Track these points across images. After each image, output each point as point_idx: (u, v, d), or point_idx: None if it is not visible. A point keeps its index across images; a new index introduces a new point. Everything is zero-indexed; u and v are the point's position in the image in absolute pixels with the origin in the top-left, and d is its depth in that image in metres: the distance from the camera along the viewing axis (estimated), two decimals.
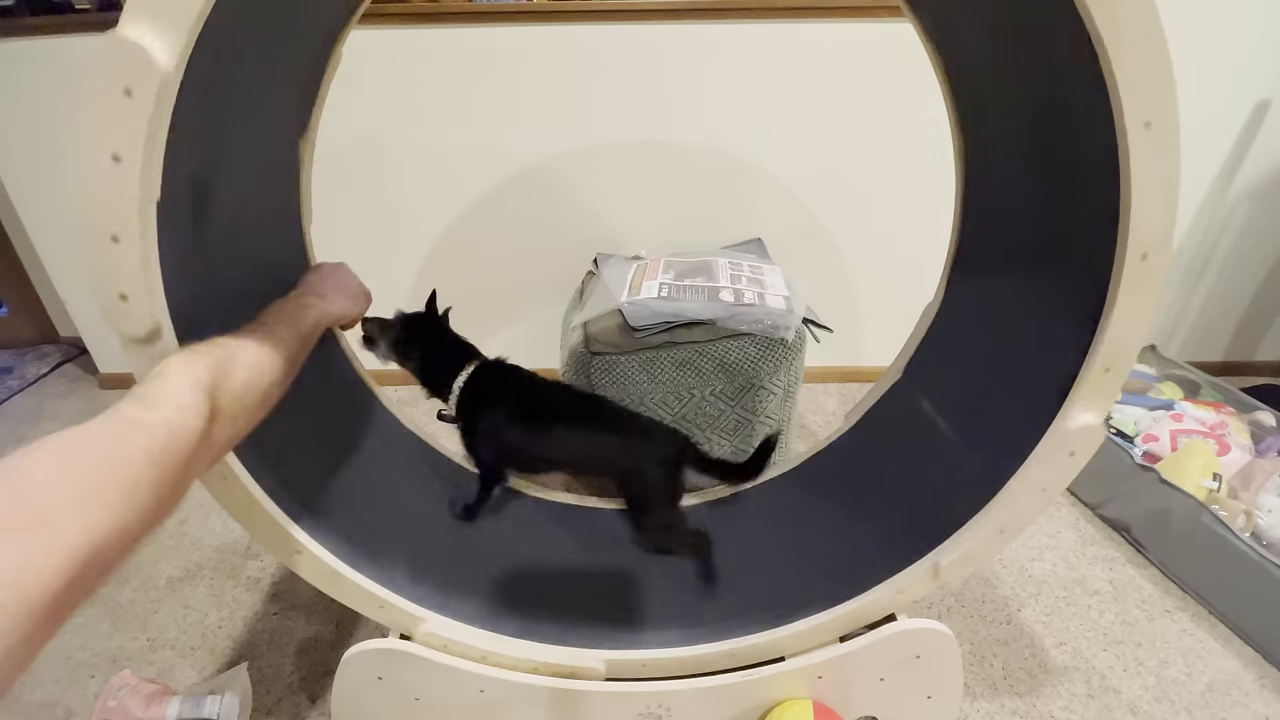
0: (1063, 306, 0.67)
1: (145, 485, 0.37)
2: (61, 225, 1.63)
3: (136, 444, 0.38)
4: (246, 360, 0.51)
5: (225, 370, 0.48)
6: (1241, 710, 0.92)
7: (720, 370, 1.14)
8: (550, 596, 0.87)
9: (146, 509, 0.36)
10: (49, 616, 0.30)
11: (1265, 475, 1.17)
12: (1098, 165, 0.56)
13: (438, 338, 0.96)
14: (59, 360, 1.97)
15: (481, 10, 1.42)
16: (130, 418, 0.39)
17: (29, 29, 1.41)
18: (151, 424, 0.39)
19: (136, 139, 0.45)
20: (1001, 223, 0.85)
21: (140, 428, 0.39)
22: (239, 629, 1.06)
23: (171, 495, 0.39)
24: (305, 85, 0.84)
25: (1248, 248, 1.69)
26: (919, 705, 0.82)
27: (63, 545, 0.31)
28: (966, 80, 0.84)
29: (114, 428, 0.38)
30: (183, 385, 0.43)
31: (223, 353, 0.49)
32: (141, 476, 0.37)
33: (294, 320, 0.62)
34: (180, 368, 0.44)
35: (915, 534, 0.75)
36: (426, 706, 0.79)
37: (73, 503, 0.33)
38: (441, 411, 0.95)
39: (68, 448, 0.35)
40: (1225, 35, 1.43)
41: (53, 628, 0.31)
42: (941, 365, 0.95)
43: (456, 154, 1.56)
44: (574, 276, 1.55)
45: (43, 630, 0.30)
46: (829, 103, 1.51)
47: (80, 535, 0.32)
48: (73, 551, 0.31)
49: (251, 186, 0.76)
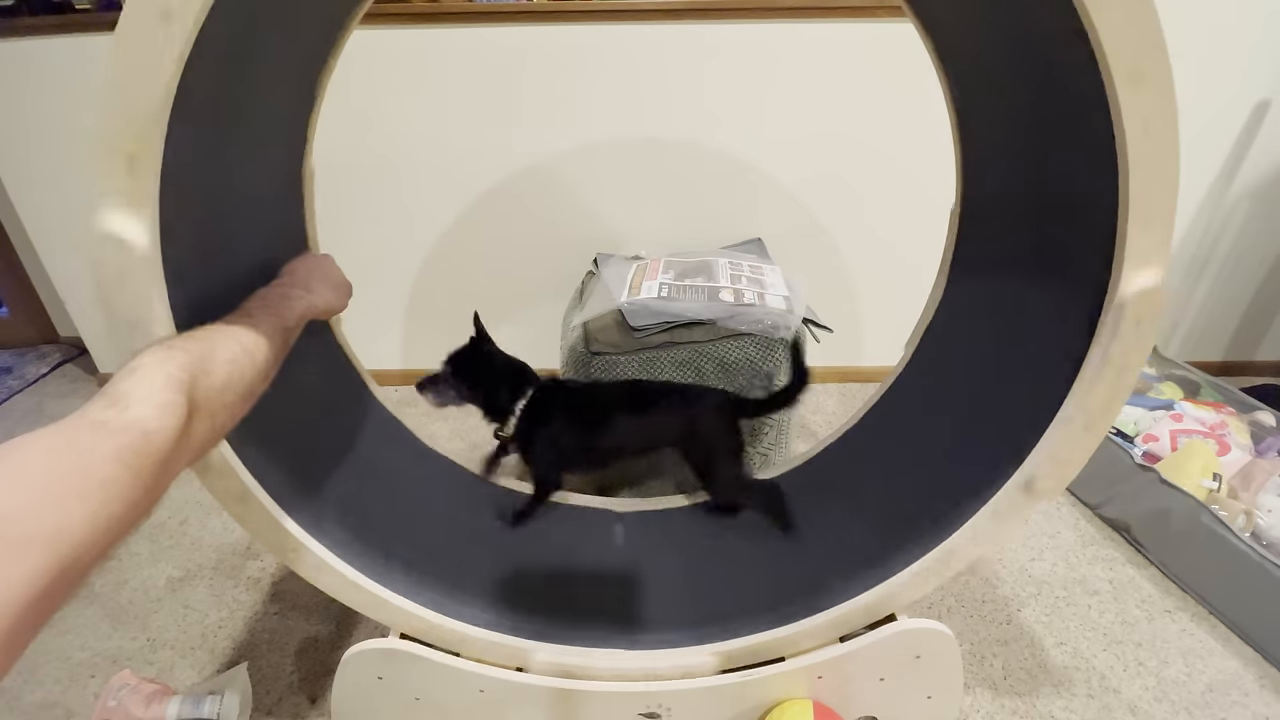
0: (1063, 305, 0.67)
1: (117, 488, 0.35)
2: (62, 225, 1.63)
3: (107, 447, 0.36)
4: (227, 355, 0.49)
5: (204, 367, 0.46)
6: (1241, 710, 0.92)
7: (720, 370, 1.14)
8: (551, 596, 0.87)
9: (119, 513, 0.35)
10: (20, 625, 0.29)
11: (1265, 475, 1.17)
12: (1098, 163, 0.56)
13: (490, 370, 0.98)
14: (59, 360, 1.97)
15: (481, 10, 1.42)
16: (100, 420, 0.37)
17: (29, 29, 1.41)
18: (123, 425, 0.38)
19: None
20: (1002, 221, 0.85)
21: (110, 430, 0.37)
22: (239, 629, 1.06)
23: (147, 497, 0.38)
24: (306, 84, 0.84)
25: (1248, 248, 1.69)
26: (919, 705, 0.82)
27: (32, 554, 0.30)
28: (966, 80, 0.84)
29: (83, 431, 0.37)
30: (156, 383, 0.41)
31: (201, 347, 0.47)
32: (113, 479, 0.35)
33: (278, 311, 0.60)
34: (155, 364, 0.42)
35: (915, 534, 0.75)
36: (426, 706, 0.79)
37: (41, 510, 0.32)
38: (498, 432, 0.98)
39: (35, 453, 0.34)
40: (1225, 35, 1.43)
41: (26, 635, 0.30)
42: (942, 364, 0.95)
43: (457, 154, 1.56)
44: (574, 276, 1.55)
45: (14, 639, 0.29)
46: (829, 102, 1.51)
47: (50, 543, 0.31)
48: (43, 560, 0.31)
49: (253, 186, 0.76)
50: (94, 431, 0.37)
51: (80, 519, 0.33)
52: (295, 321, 0.62)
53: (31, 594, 0.30)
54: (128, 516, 0.36)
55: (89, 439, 0.36)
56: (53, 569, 0.31)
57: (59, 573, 0.31)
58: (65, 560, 0.32)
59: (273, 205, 0.84)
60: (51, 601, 0.32)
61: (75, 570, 0.33)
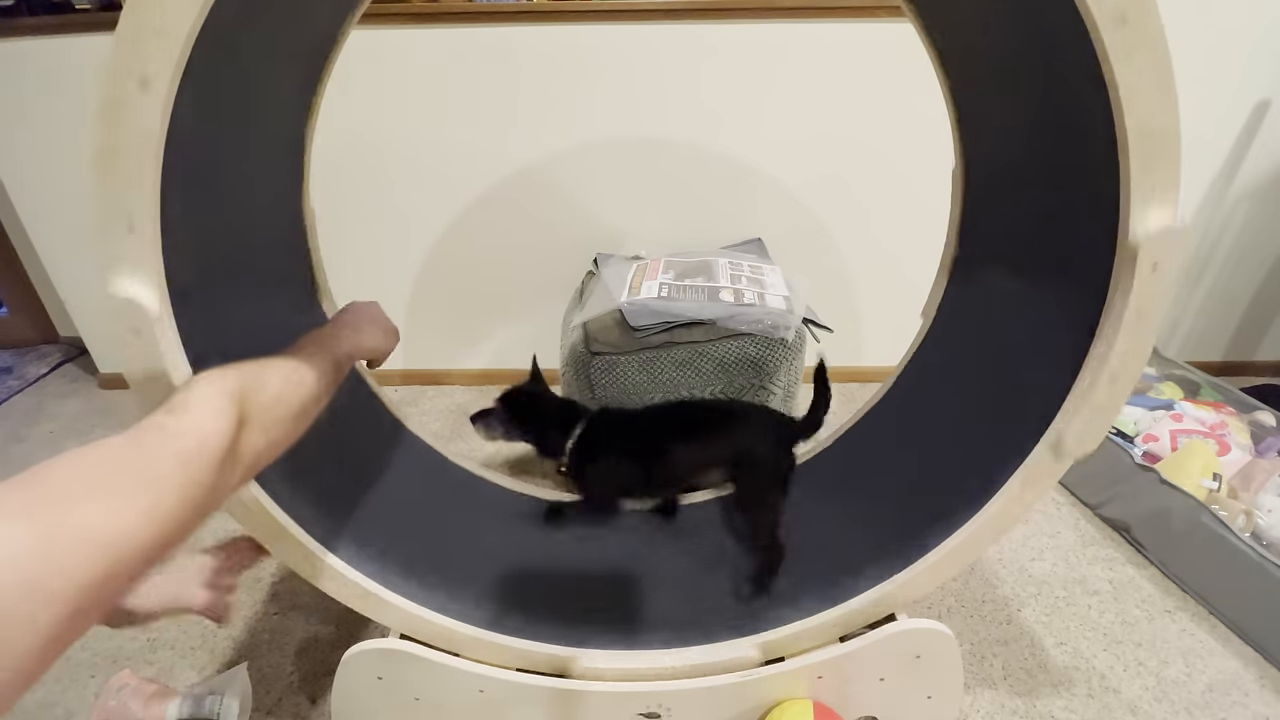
0: (1064, 304, 0.67)
1: (172, 485, 0.37)
2: (62, 225, 1.63)
3: (163, 446, 0.38)
4: (278, 373, 0.52)
5: (255, 382, 0.48)
6: (1241, 710, 0.92)
7: (720, 370, 1.14)
8: (551, 596, 0.87)
9: (175, 510, 0.37)
10: (75, 611, 0.30)
11: (1265, 475, 1.17)
12: (1098, 163, 0.56)
13: (540, 410, 0.99)
14: (59, 360, 1.97)
15: (481, 10, 1.42)
16: (155, 423, 0.40)
17: (29, 29, 1.41)
18: (177, 428, 0.40)
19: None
20: (1002, 221, 0.85)
21: (166, 432, 0.40)
22: (239, 629, 1.06)
23: (203, 500, 0.39)
24: (305, 84, 0.84)
25: (1248, 248, 1.69)
26: (919, 705, 0.82)
27: (89, 540, 0.31)
28: (966, 80, 0.84)
29: (139, 433, 0.39)
30: (208, 392, 0.44)
31: (253, 367, 0.50)
32: (168, 476, 0.37)
33: (326, 345, 0.63)
34: (206, 379, 0.45)
35: (916, 533, 0.75)
36: (426, 706, 0.79)
37: (98, 499, 0.33)
38: (560, 470, 0.99)
39: (95, 452, 0.36)
40: (1225, 35, 1.43)
41: (80, 623, 0.31)
42: (942, 364, 0.95)
43: (456, 154, 1.56)
44: (574, 276, 1.55)
45: (69, 624, 0.30)
46: (829, 102, 1.51)
47: (107, 532, 0.32)
48: (99, 547, 0.31)
49: (252, 186, 0.76)
50: (151, 433, 0.39)
51: (137, 512, 0.34)
52: (344, 356, 0.65)
53: (85, 581, 0.30)
54: (184, 515, 0.37)
55: (146, 439, 0.39)
56: (109, 559, 0.32)
57: (115, 564, 0.32)
58: (121, 551, 0.33)
59: (271, 205, 0.84)
60: (106, 593, 0.32)
61: (131, 565, 0.34)
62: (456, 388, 1.80)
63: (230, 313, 0.68)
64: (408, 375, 1.83)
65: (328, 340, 0.64)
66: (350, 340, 0.67)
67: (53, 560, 0.29)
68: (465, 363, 1.82)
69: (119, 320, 0.53)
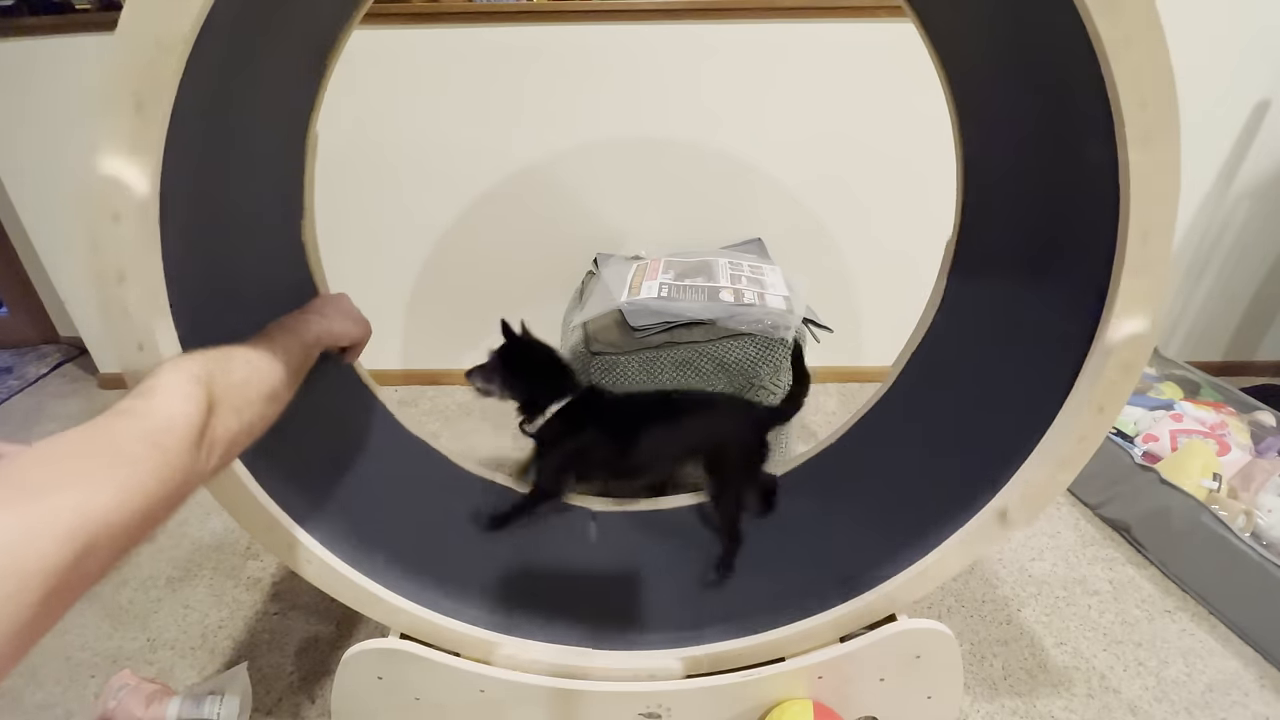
0: (1064, 304, 0.67)
1: (144, 467, 0.38)
2: (62, 225, 1.63)
3: (132, 429, 0.39)
4: (246, 357, 0.53)
5: (222, 365, 0.49)
6: (1241, 710, 0.92)
7: (720, 370, 1.14)
8: (550, 596, 0.87)
9: (149, 490, 0.37)
10: (50, 593, 0.30)
11: (1265, 475, 1.17)
12: (1099, 164, 0.56)
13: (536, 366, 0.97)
14: (59, 360, 1.97)
15: (481, 10, 1.42)
16: (124, 408, 0.41)
17: (29, 29, 1.41)
18: (146, 410, 0.41)
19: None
20: (1002, 222, 0.85)
21: (134, 415, 0.40)
22: (239, 629, 1.06)
23: (179, 480, 0.40)
24: (306, 84, 0.84)
25: (1248, 248, 1.69)
26: (919, 705, 0.82)
27: (62, 520, 0.31)
28: (967, 80, 0.84)
29: (109, 418, 0.40)
30: (176, 377, 0.44)
31: (219, 351, 0.51)
32: (140, 457, 0.38)
33: (293, 329, 0.64)
34: (173, 364, 0.46)
35: (916, 534, 0.75)
36: (426, 706, 0.79)
37: (69, 480, 0.33)
38: (523, 425, 0.97)
39: (63, 438, 0.36)
40: (1225, 35, 1.43)
41: (56, 606, 0.31)
42: (942, 364, 0.95)
43: (457, 154, 1.56)
44: (574, 276, 1.55)
45: (44, 607, 0.30)
46: (829, 102, 1.51)
47: (79, 512, 0.32)
48: (72, 527, 0.32)
49: (252, 186, 0.76)
50: (121, 418, 0.40)
51: (110, 493, 0.35)
52: (312, 340, 0.66)
53: (59, 560, 0.31)
54: (159, 494, 0.38)
55: (116, 424, 0.39)
56: (82, 539, 0.32)
57: (89, 544, 0.32)
58: (95, 532, 0.33)
59: (271, 205, 0.84)
60: (81, 575, 0.32)
61: (106, 546, 0.34)
62: (456, 388, 1.79)
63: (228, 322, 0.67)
64: (408, 375, 1.83)
65: (295, 325, 0.66)
66: (318, 325, 0.69)
67: (27, 545, 0.30)
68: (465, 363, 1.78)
69: (96, 207, 0.46)
